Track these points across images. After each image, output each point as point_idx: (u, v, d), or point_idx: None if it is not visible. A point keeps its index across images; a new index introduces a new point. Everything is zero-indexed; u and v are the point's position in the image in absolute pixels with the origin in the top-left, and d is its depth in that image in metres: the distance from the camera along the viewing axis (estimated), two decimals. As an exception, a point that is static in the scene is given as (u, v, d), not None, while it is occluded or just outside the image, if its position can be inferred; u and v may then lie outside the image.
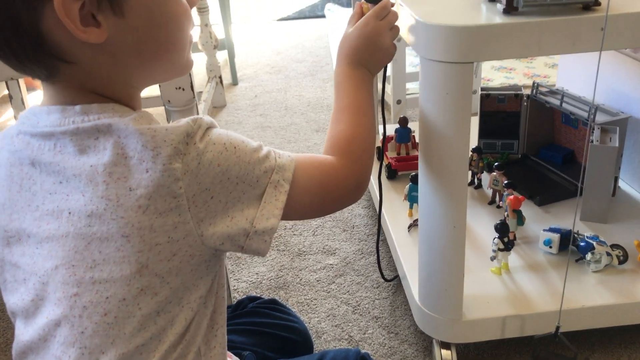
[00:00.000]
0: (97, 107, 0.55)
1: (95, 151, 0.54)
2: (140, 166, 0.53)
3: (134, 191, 0.53)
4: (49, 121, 0.56)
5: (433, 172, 0.86)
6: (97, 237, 0.54)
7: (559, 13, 0.76)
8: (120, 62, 0.56)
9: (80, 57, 0.54)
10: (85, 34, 0.52)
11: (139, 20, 0.55)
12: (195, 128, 0.55)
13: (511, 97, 1.39)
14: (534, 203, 1.25)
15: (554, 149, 1.38)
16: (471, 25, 0.75)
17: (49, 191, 0.56)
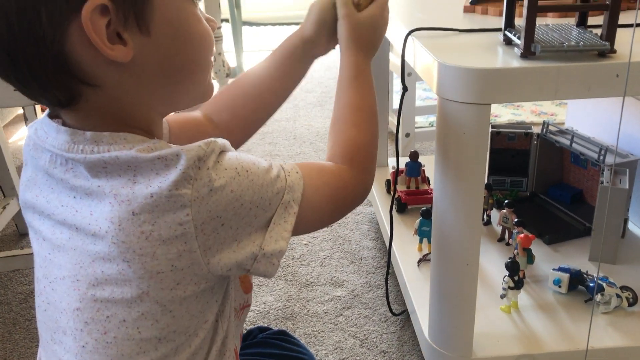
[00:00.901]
0: (109, 137, 0.53)
1: (106, 176, 0.53)
2: (146, 190, 0.51)
3: (137, 216, 0.51)
4: (56, 142, 0.55)
5: (447, 210, 0.87)
6: (100, 257, 0.53)
7: (575, 59, 0.78)
8: (145, 83, 0.55)
9: (105, 79, 0.53)
10: (112, 51, 0.51)
11: (165, 39, 0.54)
12: (209, 152, 0.53)
13: (521, 135, 1.40)
14: (543, 242, 1.25)
15: (563, 187, 1.39)
16: (489, 68, 0.77)
17: (61, 203, 0.55)
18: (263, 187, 0.56)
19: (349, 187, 0.66)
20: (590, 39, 0.79)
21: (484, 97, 0.78)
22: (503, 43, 0.87)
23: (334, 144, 0.70)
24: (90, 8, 0.49)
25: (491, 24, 0.99)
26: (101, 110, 0.55)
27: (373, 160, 0.71)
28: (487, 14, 1.10)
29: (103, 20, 0.50)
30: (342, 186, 0.66)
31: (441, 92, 0.82)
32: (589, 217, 1.26)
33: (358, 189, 0.68)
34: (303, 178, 0.61)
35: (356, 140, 0.70)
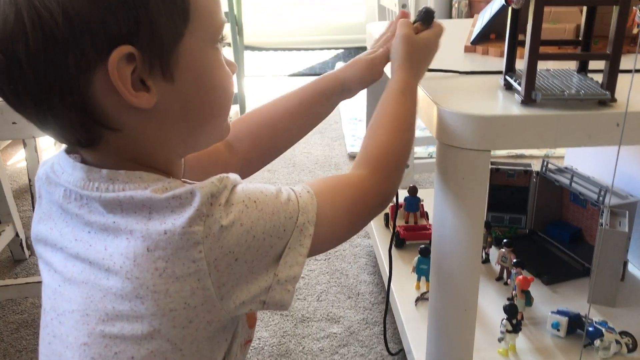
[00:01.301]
0: (124, 175, 0.54)
1: (121, 213, 0.53)
2: (160, 227, 0.51)
3: (151, 252, 0.51)
4: (72, 178, 0.56)
5: (446, 254, 0.87)
6: (112, 292, 0.52)
7: (575, 107, 0.77)
8: (166, 128, 0.56)
9: (126, 124, 0.54)
10: (136, 99, 0.52)
11: (188, 86, 0.55)
12: (221, 188, 0.53)
13: (521, 172, 1.40)
14: (541, 282, 1.24)
15: (562, 226, 1.39)
16: (489, 115, 0.76)
17: (75, 237, 0.56)
18: (274, 215, 0.55)
19: (368, 195, 0.65)
20: (591, 88, 0.79)
21: (484, 143, 0.78)
22: (503, 87, 0.87)
23: (363, 149, 0.71)
24: (117, 56, 0.50)
25: (492, 66, 1.00)
26: (120, 151, 0.55)
27: (398, 168, 0.70)
28: (488, 55, 1.10)
29: (129, 68, 0.51)
30: (360, 195, 0.65)
31: (441, 136, 0.81)
32: (588, 257, 1.25)
33: (377, 197, 0.66)
34: (316, 196, 0.60)
35: (386, 145, 0.70)
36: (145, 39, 0.50)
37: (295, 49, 4.21)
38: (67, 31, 0.48)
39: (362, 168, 0.67)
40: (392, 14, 1.86)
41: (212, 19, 0.56)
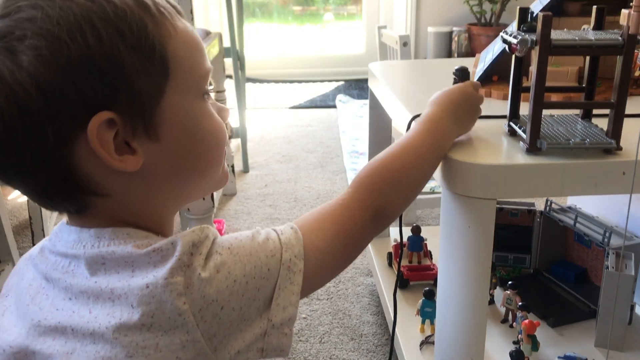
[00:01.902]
0: (111, 232, 0.53)
1: (105, 273, 0.52)
2: (142, 281, 0.50)
3: (135, 309, 0.49)
4: (66, 241, 0.55)
5: (452, 304, 0.85)
6: (100, 356, 0.50)
7: (581, 156, 0.77)
8: (156, 187, 0.55)
9: (114, 188, 0.53)
10: (121, 163, 0.51)
11: (175, 142, 0.54)
12: (202, 237, 0.52)
13: (524, 212, 1.39)
14: (547, 324, 1.23)
15: (567, 266, 1.37)
16: (494, 164, 0.76)
17: (56, 307, 0.54)
18: (252, 255, 0.53)
19: (355, 213, 0.62)
20: (596, 136, 0.79)
21: (489, 192, 0.77)
22: (507, 133, 0.87)
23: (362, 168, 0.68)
24: (96, 123, 0.49)
25: (495, 108, 0.99)
26: (110, 214, 0.55)
27: (393, 183, 0.67)
28: (491, 97, 1.10)
29: (110, 133, 0.50)
30: (346, 216, 0.62)
31: (445, 184, 0.81)
32: (593, 298, 1.24)
33: (365, 212, 0.63)
34: (300, 229, 0.57)
35: (376, 164, 0.67)
36: (124, 102, 0.50)
37: (297, 81, 4.24)
38: (41, 103, 0.47)
39: (352, 187, 0.65)
40: (393, 51, 1.88)
41: (195, 70, 0.55)
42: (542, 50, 0.73)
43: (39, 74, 0.47)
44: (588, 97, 0.84)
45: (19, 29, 0.47)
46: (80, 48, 0.47)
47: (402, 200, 0.69)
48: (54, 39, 0.47)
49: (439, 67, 1.51)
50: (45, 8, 0.47)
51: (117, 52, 0.49)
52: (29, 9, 0.48)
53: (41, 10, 0.47)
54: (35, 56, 0.47)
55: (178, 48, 0.53)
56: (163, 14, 0.52)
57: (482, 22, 3.54)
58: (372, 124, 1.59)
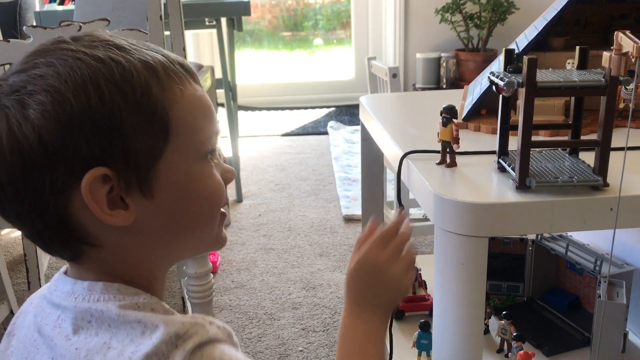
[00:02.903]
0: (102, 287, 0.54)
1: (86, 334, 0.52)
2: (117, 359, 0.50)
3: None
4: (61, 291, 0.56)
5: (448, 337, 0.86)
6: None
7: (569, 193, 0.79)
8: (146, 243, 0.56)
9: (106, 240, 0.54)
10: (112, 218, 0.52)
11: (169, 200, 0.55)
12: (191, 333, 0.50)
13: (516, 240, 1.41)
14: (542, 353, 1.24)
15: (560, 293, 1.39)
16: (485, 203, 0.78)
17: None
18: None
19: None
20: (583, 173, 0.80)
21: (481, 230, 0.79)
22: (497, 170, 0.88)
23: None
24: (90, 178, 0.51)
25: (484, 144, 1.01)
26: (102, 265, 0.56)
27: None
28: (480, 131, 1.12)
29: (104, 189, 0.51)
30: None
31: (438, 222, 0.82)
32: (587, 325, 1.25)
33: None
34: None
35: None
36: (120, 160, 0.51)
37: (288, 108, 4.27)
38: (42, 155, 0.50)
39: None
40: (383, 82, 1.91)
41: (198, 134, 0.56)
42: (528, 93, 0.76)
43: (42, 127, 0.50)
44: (574, 134, 0.86)
45: (31, 84, 0.51)
46: (82, 106, 0.50)
47: None
48: (59, 96, 0.50)
49: (428, 99, 1.53)
50: (58, 66, 0.51)
51: (117, 112, 0.51)
52: (43, 66, 0.51)
53: (53, 69, 0.51)
54: (41, 111, 0.50)
55: (182, 111, 0.54)
56: (172, 77, 0.54)
57: (469, 47, 3.59)
58: (364, 155, 1.60)
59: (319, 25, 4.70)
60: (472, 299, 0.83)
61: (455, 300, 0.84)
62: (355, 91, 4.00)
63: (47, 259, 2.00)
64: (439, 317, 0.88)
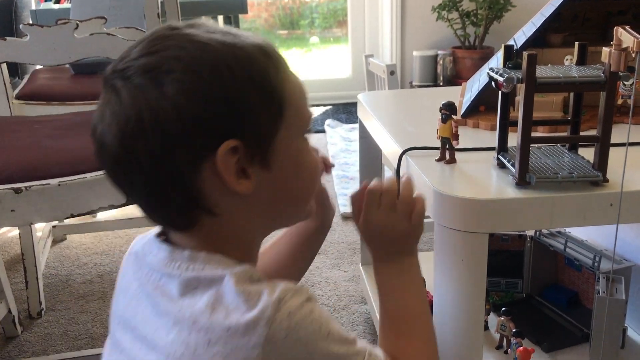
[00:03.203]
0: (204, 257, 0.58)
1: (191, 297, 0.56)
2: (224, 323, 0.54)
3: (211, 346, 0.54)
4: (156, 258, 0.60)
5: (447, 334, 0.87)
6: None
7: (569, 189, 0.79)
8: (256, 211, 0.61)
9: (225, 209, 0.59)
10: (239, 186, 0.57)
11: (282, 173, 0.60)
12: (292, 294, 0.55)
13: (515, 237, 1.41)
14: (541, 349, 1.24)
15: (558, 290, 1.39)
16: (485, 199, 0.78)
17: (144, 319, 0.60)
18: (339, 357, 0.57)
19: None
20: (583, 169, 0.81)
21: (481, 226, 0.79)
22: (497, 166, 0.88)
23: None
24: (224, 150, 0.55)
25: (483, 140, 1.02)
26: (210, 234, 0.60)
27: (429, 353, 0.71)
28: (479, 127, 1.12)
29: (233, 159, 0.56)
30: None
31: (438, 218, 0.82)
32: (586, 321, 1.25)
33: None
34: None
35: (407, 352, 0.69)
36: (248, 134, 0.57)
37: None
38: (180, 130, 0.54)
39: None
40: (380, 79, 1.91)
41: (302, 112, 0.62)
42: (527, 88, 0.76)
43: (181, 104, 0.54)
44: (574, 130, 0.86)
45: (166, 65, 0.55)
46: (217, 84, 0.55)
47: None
48: (196, 75, 0.55)
49: (425, 96, 1.53)
50: (190, 50, 0.56)
51: (246, 90, 0.56)
52: (175, 49, 0.56)
53: (186, 52, 0.55)
54: (179, 89, 0.54)
55: (290, 92, 0.60)
56: (279, 61, 0.60)
57: (466, 45, 3.59)
58: (363, 152, 1.60)
59: (315, 24, 4.70)
60: (472, 295, 0.83)
61: (455, 296, 0.84)
62: (352, 89, 3.99)
63: (44, 258, 2.00)
64: (438, 313, 0.88)
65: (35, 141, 1.16)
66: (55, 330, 1.64)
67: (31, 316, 1.70)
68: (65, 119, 1.33)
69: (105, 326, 1.66)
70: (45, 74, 2.00)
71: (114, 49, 1.35)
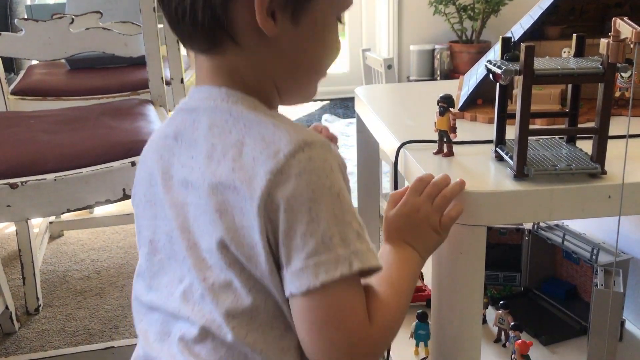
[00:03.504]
0: (240, 95, 0.63)
1: (221, 131, 0.61)
2: (250, 154, 0.58)
3: (235, 173, 0.58)
4: (196, 97, 0.65)
5: (446, 328, 0.86)
6: (202, 210, 0.61)
7: (567, 181, 0.79)
8: (275, 61, 0.64)
9: (247, 42, 0.62)
10: (265, 22, 0.60)
11: (307, 34, 0.64)
12: (320, 144, 0.59)
13: (512, 230, 1.41)
14: (539, 342, 1.24)
15: (556, 283, 1.39)
16: (483, 192, 0.78)
17: (182, 163, 0.64)
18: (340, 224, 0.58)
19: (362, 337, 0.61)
20: (581, 161, 0.80)
21: (479, 219, 0.79)
22: (495, 159, 0.88)
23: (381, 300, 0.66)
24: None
25: (480, 133, 1.01)
26: (233, 66, 0.63)
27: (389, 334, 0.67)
28: (476, 121, 1.12)
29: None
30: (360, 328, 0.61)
31: (436, 211, 0.82)
32: (584, 314, 1.26)
33: (363, 345, 0.62)
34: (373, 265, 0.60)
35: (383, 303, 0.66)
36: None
37: (282, 101, 4.25)
38: None
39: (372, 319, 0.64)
40: (378, 73, 1.90)
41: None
42: (525, 80, 0.75)
43: None
44: (572, 122, 0.86)
45: None
46: None
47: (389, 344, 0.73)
48: None
49: (423, 89, 1.53)
50: None
51: None
52: None
53: None
54: None
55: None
56: None
57: (463, 39, 3.59)
58: (360, 146, 1.60)
59: (312, 18, 4.68)
60: (470, 289, 0.83)
61: (453, 288, 0.83)
62: (350, 84, 3.98)
63: (42, 254, 1.99)
64: (437, 307, 0.88)
65: (31, 136, 1.15)
66: (53, 327, 1.63)
67: (28, 312, 1.70)
68: (61, 114, 1.33)
69: (102, 322, 1.66)
70: (41, 69, 2.00)
71: (109, 44, 1.34)
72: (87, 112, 1.31)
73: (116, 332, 1.60)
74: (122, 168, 1.04)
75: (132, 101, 1.41)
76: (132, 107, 1.34)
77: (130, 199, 0.70)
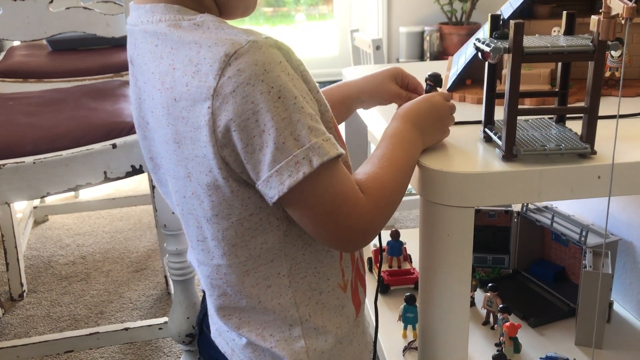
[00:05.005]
0: (163, 8, 0.61)
1: (154, 58, 0.61)
2: (183, 79, 0.57)
3: (177, 102, 0.58)
4: (130, 19, 0.65)
5: (434, 310, 0.85)
6: (164, 141, 0.62)
7: (556, 161, 0.77)
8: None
9: None
10: None
11: None
12: (245, 48, 0.56)
13: (501, 213, 1.40)
14: (528, 324, 1.23)
15: (545, 265, 1.39)
16: (472, 173, 0.76)
17: (137, 91, 0.66)
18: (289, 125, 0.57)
19: (357, 210, 0.64)
20: (570, 141, 0.79)
21: (467, 200, 0.77)
22: (483, 139, 0.87)
23: (356, 173, 0.69)
24: None
25: (469, 114, 0.99)
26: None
27: (389, 206, 0.70)
28: (465, 101, 1.10)
29: None
30: (352, 203, 0.63)
31: (424, 193, 0.81)
32: (572, 296, 1.25)
33: (362, 219, 0.64)
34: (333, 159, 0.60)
35: (381, 178, 0.69)
36: None
37: (270, 84, 4.21)
38: None
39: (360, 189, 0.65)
40: (366, 54, 1.88)
41: None
42: (514, 58, 0.73)
43: None
44: (561, 102, 0.84)
45: None
46: None
47: (389, 217, 0.72)
48: None
49: (412, 70, 1.51)
50: None
51: None
52: None
53: None
54: None
55: None
56: None
57: (453, 21, 3.56)
58: (348, 130, 1.58)
59: (300, 1, 4.63)
60: (458, 271, 0.82)
61: (441, 270, 0.82)
62: (339, 67, 3.95)
63: (25, 239, 1.97)
64: (424, 290, 0.87)
65: (10, 118, 1.12)
66: (38, 312, 1.62)
67: (12, 298, 1.67)
68: (41, 95, 1.30)
69: (88, 308, 1.64)
70: (22, 50, 1.95)
71: (91, 24, 1.31)
72: (68, 94, 1.28)
73: (102, 318, 1.59)
74: (103, 150, 1.02)
75: (113, 82, 1.38)
76: (113, 89, 1.31)
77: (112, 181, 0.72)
